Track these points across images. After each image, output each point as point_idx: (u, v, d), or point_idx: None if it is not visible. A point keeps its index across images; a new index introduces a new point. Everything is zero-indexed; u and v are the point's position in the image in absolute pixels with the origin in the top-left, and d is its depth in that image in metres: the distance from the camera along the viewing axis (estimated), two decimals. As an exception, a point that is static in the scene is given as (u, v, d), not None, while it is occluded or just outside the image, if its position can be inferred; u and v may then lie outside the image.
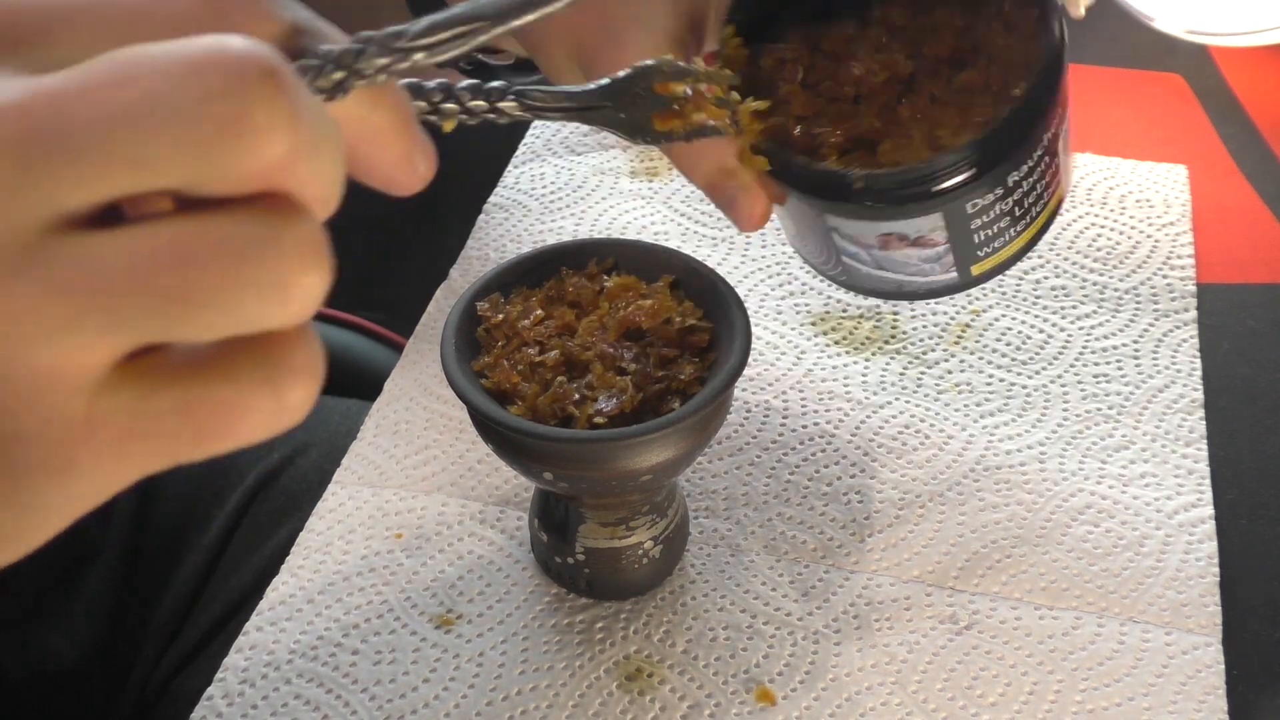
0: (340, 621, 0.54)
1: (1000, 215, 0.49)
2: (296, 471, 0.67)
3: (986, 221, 0.49)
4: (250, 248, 0.24)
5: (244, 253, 0.24)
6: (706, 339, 0.49)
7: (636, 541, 0.52)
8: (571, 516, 0.52)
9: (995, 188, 0.47)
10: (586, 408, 0.46)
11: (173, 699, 0.61)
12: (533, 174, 0.78)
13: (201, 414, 0.25)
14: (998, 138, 0.46)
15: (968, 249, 0.50)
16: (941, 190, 0.47)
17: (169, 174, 0.23)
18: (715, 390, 0.46)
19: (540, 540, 0.54)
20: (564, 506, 0.52)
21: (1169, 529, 0.57)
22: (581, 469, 0.47)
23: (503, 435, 0.47)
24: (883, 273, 0.52)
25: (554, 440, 0.46)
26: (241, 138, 0.23)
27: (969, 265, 0.52)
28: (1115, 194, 0.75)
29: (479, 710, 0.50)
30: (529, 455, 0.47)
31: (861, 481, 0.59)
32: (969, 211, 0.48)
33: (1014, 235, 0.51)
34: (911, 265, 0.51)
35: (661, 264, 0.52)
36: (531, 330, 0.49)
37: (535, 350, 0.49)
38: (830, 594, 0.55)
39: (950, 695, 0.51)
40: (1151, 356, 0.65)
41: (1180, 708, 0.50)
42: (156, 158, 0.23)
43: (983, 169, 0.46)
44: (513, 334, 0.49)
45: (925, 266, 0.51)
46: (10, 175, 0.22)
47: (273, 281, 0.24)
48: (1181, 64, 0.88)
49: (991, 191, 0.48)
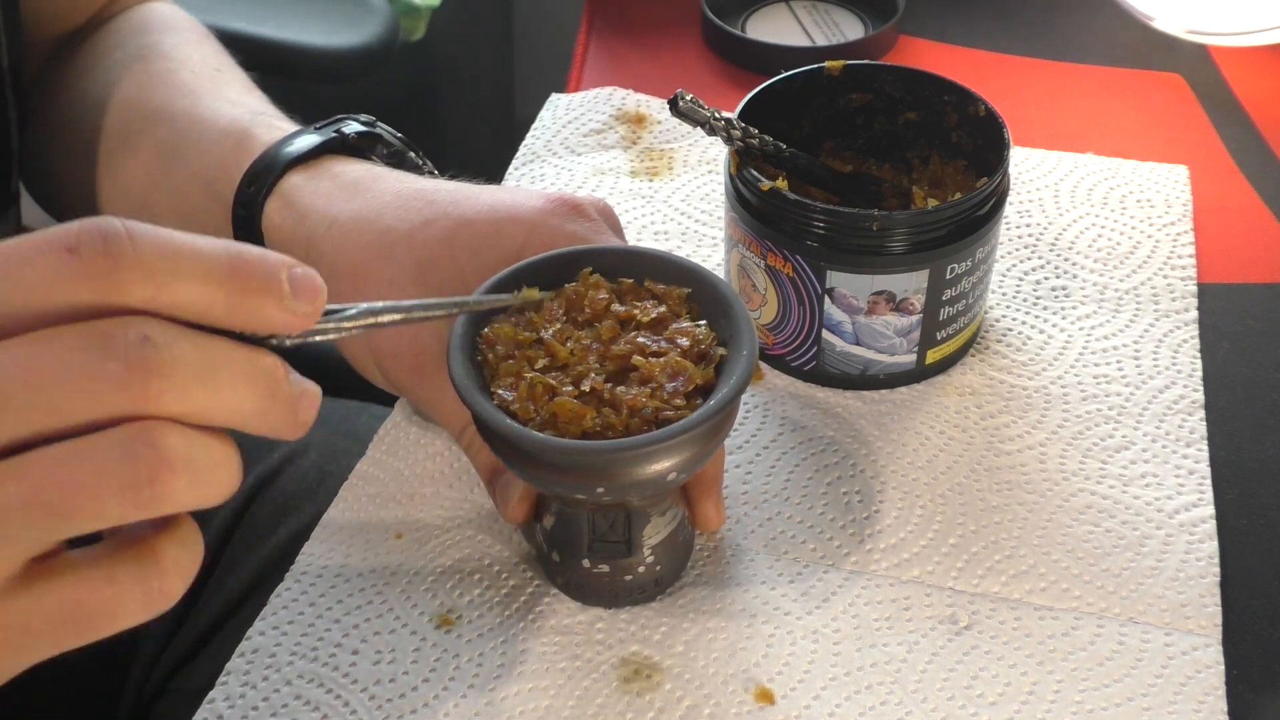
0: (341, 622, 0.54)
1: (960, 295, 0.61)
2: (295, 472, 0.67)
3: (951, 297, 0.61)
4: (113, 465, 0.30)
5: (107, 471, 0.30)
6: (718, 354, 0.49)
7: (680, 521, 0.53)
8: (635, 522, 0.51)
9: (966, 260, 0.60)
10: (621, 411, 0.46)
11: (171, 699, 0.61)
12: (533, 174, 0.77)
13: (85, 613, 0.32)
14: (973, 214, 0.59)
15: (931, 326, 0.61)
16: (933, 240, 0.58)
17: (55, 421, 0.30)
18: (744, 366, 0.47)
19: (550, 559, 0.54)
20: (624, 519, 0.51)
21: (1169, 529, 0.57)
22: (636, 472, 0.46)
23: (557, 461, 0.46)
24: (855, 349, 0.61)
25: (619, 450, 0.45)
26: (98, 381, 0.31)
27: (926, 349, 0.62)
28: (1116, 194, 0.75)
29: (479, 710, 0.50)
30: (582, 475, 0.46)
31: (861, 481, 0.59)
32: (947, 277, 0.59)
33: (961, 326, 0.63)
34: (884, 340, 0.61)
35: (682, 278, 0.51)
36: (553, 354, 0.48)
37: (566, 377, 0.48)
38: (830, 594, 0.55)
39: (950, 695, 0.51)
40: (1152, 356, 0.65)
41: (1180, 708, 0.50)
42: (52, 411, 0.30)
43: (964, 233, 0.59)
44: (524, 357, 0.48)
45: (895, 342, 0.61)
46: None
47: (132, 492, 0.30)
48: (1181, 64, 0.88)
49: (963, 263, 0.60)
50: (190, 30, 0.70)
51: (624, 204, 0.75)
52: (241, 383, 0.33)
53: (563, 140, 0.80)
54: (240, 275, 0.33)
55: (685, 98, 0.58)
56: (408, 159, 0.60)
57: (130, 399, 0.31)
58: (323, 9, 1.16)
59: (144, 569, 0.32)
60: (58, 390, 0.30)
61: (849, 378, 0.63)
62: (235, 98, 0.63)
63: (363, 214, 0.55)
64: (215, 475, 0.32)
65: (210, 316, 0.33)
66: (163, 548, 0.32)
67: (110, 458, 0.31)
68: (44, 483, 0.30)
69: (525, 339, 0.48)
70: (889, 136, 0.68)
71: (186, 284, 0.32)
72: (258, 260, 0.33)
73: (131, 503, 0.31)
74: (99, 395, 0.30)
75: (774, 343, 0.63)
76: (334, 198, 0.56)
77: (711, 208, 0.75)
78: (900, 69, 0.67)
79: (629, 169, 0.78)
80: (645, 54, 0.92)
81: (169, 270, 0.31)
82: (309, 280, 0.34)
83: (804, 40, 0.90)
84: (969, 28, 0.94)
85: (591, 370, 0.47)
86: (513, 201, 0.55)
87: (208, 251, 0.32)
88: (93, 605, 0.32)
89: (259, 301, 0.33)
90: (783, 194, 0.59)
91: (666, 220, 0.74)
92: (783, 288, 0.61)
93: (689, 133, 0.80)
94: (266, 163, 0.57)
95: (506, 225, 0.53)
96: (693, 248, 0.72)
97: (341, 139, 0.58)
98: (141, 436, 0.31)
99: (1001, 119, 0.63)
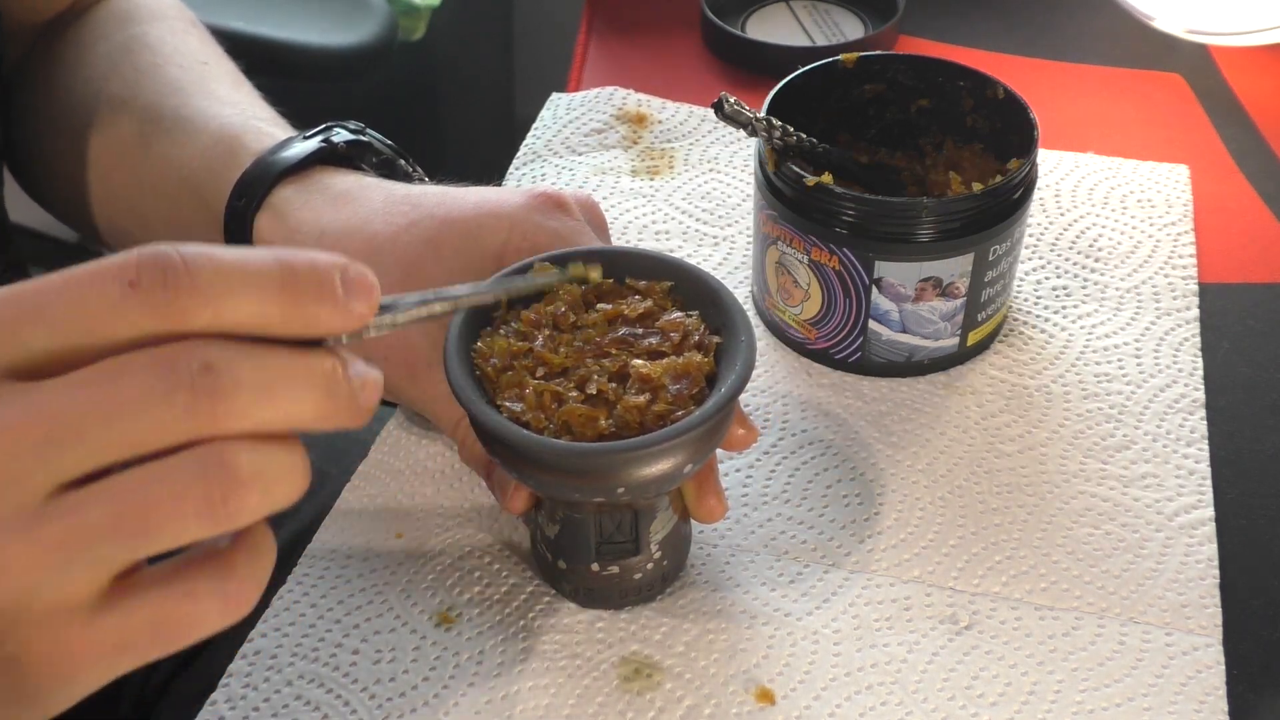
0: (342, 622, 0.54)
1: (998, 277, 0.62)
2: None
3: (992, 278, 0.62)
4: (189, 487, 0.32)
5: (184, 493, 0.32)
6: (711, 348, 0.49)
7: (680, 514, 0.53)
8: (641, 521, 0.51)
9: (1006, 240, 0.61)
10: (625, 406, 0.46)
11: (172, 700, 0.61)
12: (533, 174, 0.77)
13: (169, 625, 0.34)
14: (1004, 197, 0.61)
15: (973, 309, 0.62)
16: (979, 223, 0.60)
17: (131, 450, 0.32)
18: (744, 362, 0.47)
19: (555, 567, 0.54)
20: (631, 518, 0.51)
21: (1169, 531, 0.57)
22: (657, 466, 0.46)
23: (578, 466, 0.46)
24: (902, 337, 0.62)
25: (641, 448, 0.45)
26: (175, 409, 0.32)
27: (969, 331, 0.63)
28: (1116, 194, 0.75)
29: (479, 709, 0.50)
30: (604, 476, 0.46)
31: (862, 482, 0.59)
32: (989, 259, 0.61)
33: (995, 310, 0.64)
34: (929, 326, 0.62)
35: (663, 273, 0.51)
36: (548, 359, 0.48)
37: (570, 382, 0.47)
38: (830, 594, 0.54)
39: (950, 695, 0.51)
40: (1153, 356, 0.65)
41: (1180, 708, 0.50)
42: (127, 441, 0.32)
43: (1006, 213, 0.60)
44: (524, 364, 0.48)
45: (940, 326, 0.63)
46: (29, 457, 0.32)
47: (209, 510, 0.32)
48: (1181, 64, 0.88)
49: (1004, 243, 0.61)
50: (176, 18, 0.70)
51: (624, 203, 0.75)
52: (301, 391, 0.34)
53: (563, 140, 0.80)
54: (294, 286, 0.33)
55: (730, 101, 0.59)
56: (398, 167, 0.60)
57: (198, 425, 0.32)
58: (322, 8, 1.16)
59: (221, 580, 0.34)
60: (131, 422, 0.32)
61: (894, 365, 0.64)
62: (224, 95, 0.63)
63: (351, 223, 0.55)
64: (286, 481, 0.34)
65: (269, 329, 0.34)
66: (237, 558, 0.34)
67: (186, 479, 0.32)
68: (126, 506, 0.32)
69: (520, 349, 0.48)
70: (900, 125, 0.70)
71: (243, 303, 0.33)
72: (309, 267, 0.34)
73: (209, 520, 0.32)
74: (169, 424, 0.32)
75: (816, 336, 0.64)
76: (323, 210, 0.56)
77: (713, 206, 0.75)
78: (914, 58, 0.68)
79: (629, 168, 0.78)
80: (645, 54, 0.92)
81: (226, 292, 0.33)
82: (362, 279, 0.35)
83: (804, 40, 0.90)
84: (969, 27, 0.94)
85: (594, 373, 0.47)
86: (496, 199, 0.55)
87: (260, 267, 0.33)
88: (175, 617, 0.34)
89: (314, 309, 0.34)
90: (829, 188, 0.59)
91: (667, 219, 0.74)
92: (827, 281, 0.61)
93: (690, 132, 0.80)
94: (256, 174, 0.57)
95: (488, 222, 0.54)
96: (694, 247, 0.72)
97: (331, 148, 0.58)
98: (214, 457, 0.32)
99: (1023, 99, 0.64)
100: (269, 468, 0.33)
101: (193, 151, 0.60)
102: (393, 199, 0.56)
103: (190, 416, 0.32)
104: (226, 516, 0.33)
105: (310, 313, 0.34)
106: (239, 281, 0.33)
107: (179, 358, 0.32)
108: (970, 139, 0.68)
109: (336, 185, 0.57)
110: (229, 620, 0.34)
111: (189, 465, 0.32)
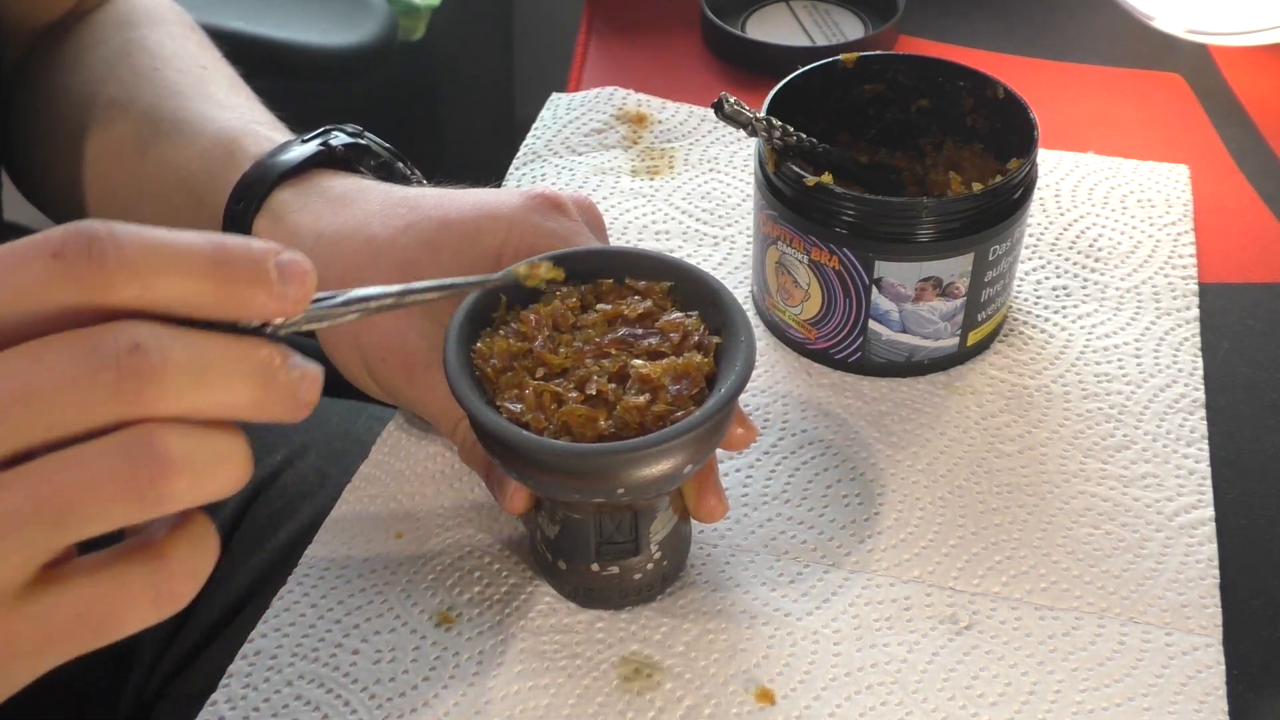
0: (342, 622, 0.54)
1: (997, 277, 0.62)
2: (295, 474, 0.67)
3: (992, 278, 0.62)
4: (114, 469, 0.31)
5: (109, 475, 0.31)
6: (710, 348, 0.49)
7: (680, 514, 0.53)
8: (641, 521, 0.51)
9: (1006, 240, 0.61)
10: (625, 406, 0.46)
11: (171, 701, 0.61)
12: (533, 174, 0.77)
13: (96, 617, 0.32)
14: (1001, 198, 0.60)
15: (973, 309, 0.62)
16: (979, 223, 0.60)
17: (55, 432, 0.31)
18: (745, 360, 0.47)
19: (555, 567, 0.53)
20: (631, 519, 0.51)
21: (1169, 531, 0.57)
22: (657, 466, 0.46)
23: (578, 467, 0.46)
24: (902, 337, 0.62)
25: (642, 448, 0.45)
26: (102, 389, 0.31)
27: (968, 331, 0.63)
28: (1116, 194, 0.75)
29: (479, 708, 0.50)
30: (604, 477, 0.46)
31: (862, 482, 0.59)
32: (989, 259, 0.61)
33: (995, 310, 0.64)
34: (929, 326, 0.62)
35: (663, 273, 0.51)
36: (549, 359, 0.48)
37: (569, 383, 0.47)
38: (830, 594, 0.54)
39: (950, 695, 0.51)
40: (1153, 356, 0.65)
41: (1180, 708, 0.50)
42: (51, 422, 0.31)
43: (1006, 213, 0.60)
44: (525, 365, 0.48)
45: (940, 326, 0.62)
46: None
47: (135, 494, 0.31)
48: (1181, 64, 0.88)
49: (1003, 243, 0.61)
50: (175, 23, 0.70)
51: (625, 203, 0.75)
52: (236, 377, 0.33)
53: (564, 140, 0.80)
54: (226, 265, 0.33)
55: (730, 101, 0.59)
56: (396, 169, 0.60)
57: (125, 406, 0.31)
58: (321, 8, 1.15)
59: (153, 571, 0.33)
60: (53, 403, 0.31)
61: (894, 365, 0.64)
62: (222, 98, 0.63)
63: (349, 225, 0.55)
64: (220, 470, 0.33)
65: (201, 310, 0.33)
66: (171, 549, 0.33)
67: (110, 462, 0.31)
68: (47, 490, 0.31)
69: (519, 349, 0.48)
70: (900, 125, 0.70)
71: (173, 279, 0.32)
72: (242, 249, 0.33)
73: (136, 505, 0.31)
74: (94, 405, 0.31)
75: (816, 336, 0.64)
76: (322, 213, 0.56)
77: (713, 206, 0.75)
78: (914, 57, 0.69)
79: (630, 168, 0.78)
80: (645, 54, 0.92)
81: (154, 268, 0.32)
82: (296, 265, 0.34)
83: (804, 40, 0.90)
84: (969, 27, 0.94)
85: (594, 374, 0.47)
86: (494, 200, 0.55)
87: (192, 245, 0.32)
88: (103, 609, 0.32)
89: (248, 291, 0.33)
90: (829, 188, 0.59)
91: (668, 219, 0.74)
92: (827, 281, 0.61)
93: (690, 132, 0.80)
94: (255, 178, 0.57)
95: (486, 223, 0.54)
96: (694, 247, 0.72)
97: (329, 152, 0.58)
98: (140, 439, 0.31)
99: (1023, 99, 0.64)
100: (201, 453, 0.32)
101: (191, 154, 0.60)
102: (391, 201, 0.56)
103: (116, 397, 0.31)
104: (155, 500, 0.31)
105: (243, 294, 0.33)
106: (169, 257, 0.32)
107: (106, 337, 0.31)
108: (970, 139, 0.68)
109: (335, 188, 0.57)
110: (162, 614, 0.33)
111: (114, 447, 0.31)
